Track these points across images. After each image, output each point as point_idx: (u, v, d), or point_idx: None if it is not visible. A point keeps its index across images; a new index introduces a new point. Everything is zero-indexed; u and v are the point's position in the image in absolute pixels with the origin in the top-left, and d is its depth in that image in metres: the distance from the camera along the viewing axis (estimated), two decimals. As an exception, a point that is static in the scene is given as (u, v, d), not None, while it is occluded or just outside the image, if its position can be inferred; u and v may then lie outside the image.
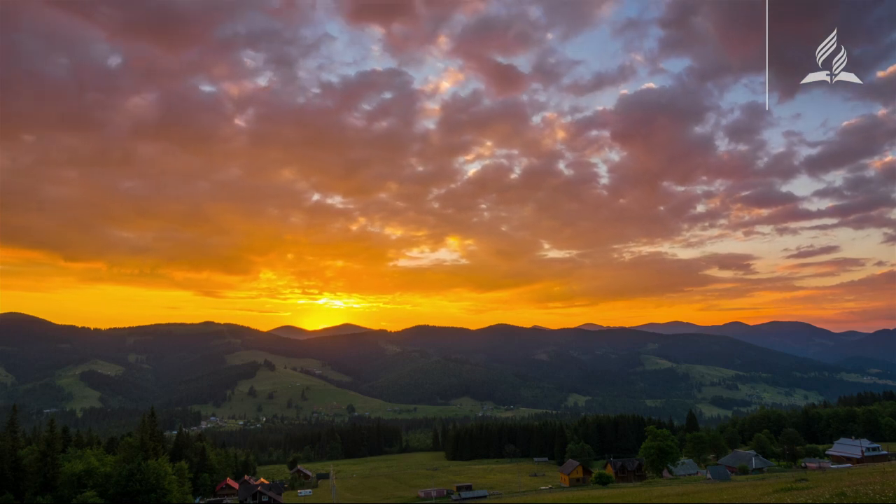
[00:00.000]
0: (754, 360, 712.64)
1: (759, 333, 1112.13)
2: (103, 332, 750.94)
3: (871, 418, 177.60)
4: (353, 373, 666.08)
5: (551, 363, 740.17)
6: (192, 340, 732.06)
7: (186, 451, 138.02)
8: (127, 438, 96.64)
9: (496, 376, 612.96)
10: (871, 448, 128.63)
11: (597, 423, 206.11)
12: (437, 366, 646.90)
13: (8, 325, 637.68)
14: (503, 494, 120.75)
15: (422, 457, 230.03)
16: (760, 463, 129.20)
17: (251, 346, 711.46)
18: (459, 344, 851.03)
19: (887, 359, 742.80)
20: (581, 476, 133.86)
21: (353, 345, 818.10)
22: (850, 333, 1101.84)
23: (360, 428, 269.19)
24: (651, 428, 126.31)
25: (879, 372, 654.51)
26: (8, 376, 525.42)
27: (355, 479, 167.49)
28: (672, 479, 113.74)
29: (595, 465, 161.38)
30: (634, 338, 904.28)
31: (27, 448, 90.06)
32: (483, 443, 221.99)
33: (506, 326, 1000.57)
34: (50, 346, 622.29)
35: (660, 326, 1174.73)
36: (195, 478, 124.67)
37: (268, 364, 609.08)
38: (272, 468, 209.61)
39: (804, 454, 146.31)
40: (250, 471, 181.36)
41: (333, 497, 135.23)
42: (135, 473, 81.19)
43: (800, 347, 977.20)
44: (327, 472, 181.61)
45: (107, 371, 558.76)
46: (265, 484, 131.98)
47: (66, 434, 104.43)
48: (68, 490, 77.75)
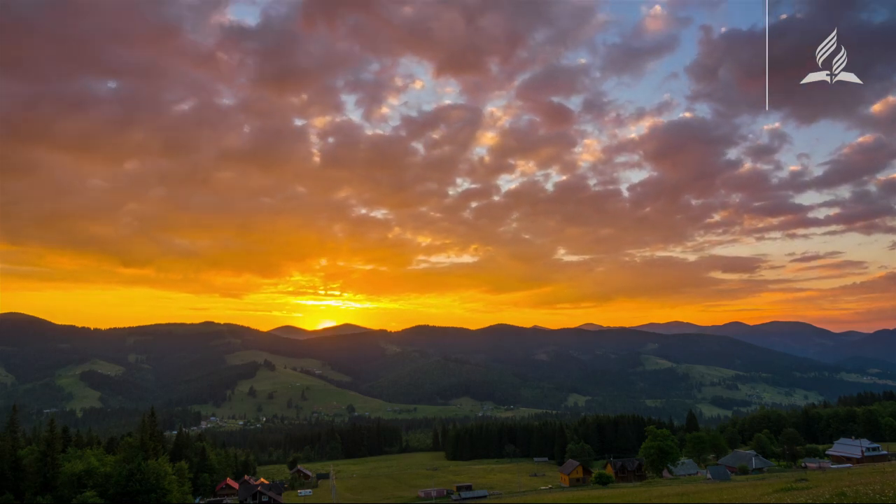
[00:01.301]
0: (754, 360, 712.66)
1: (759, 333, 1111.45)
2: (103, 332, 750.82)
3: (871, 418, 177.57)
4: (353, 373, 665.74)
5: (551, 363, 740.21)
6: (192, 340, 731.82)
7: (186, 451, 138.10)
8: (127, 438, 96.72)
9: (496, 376, 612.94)
10: (871, 448, 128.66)
11: (597, 423, 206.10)
12: (437, 366, 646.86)
13: (8, 325, 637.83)
14: (503, 494, 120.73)
15: (422, 457, 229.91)
16: (760, 463, 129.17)
17: (251, 346, 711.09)
18: (459, 344, 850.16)
19: (887, 359, 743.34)
20: (581, 476, 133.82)
21: (353, 345, 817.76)
22: (850, 333, 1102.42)
23: (360, 428, 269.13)
24: (651, 428, 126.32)
25: (879, 372, 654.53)
26: (8, 376, 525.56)
27: (355, 479, 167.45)
28: (672, 479, 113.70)
29: (595, 465, 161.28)
30: (634, 338, 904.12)
31: (27, 448, 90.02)
32: (483, 443, 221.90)
33: (506, 326, 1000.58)
34: (50, 346, 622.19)
35: (660, 326, 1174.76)
36: (195, 478, 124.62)
37: (268, 364, 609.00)
38: (272, 468, 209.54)
39: (804, 454, 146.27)
40: (250, 471, 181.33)
41: (333, 497, 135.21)
42: (135, 473, 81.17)
43: (800, 347, 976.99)
44: (327, 472, 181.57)
45: (107, 371, 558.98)
46: (265, 484, 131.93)
47: (66, 434, 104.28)
48: (68, 490, 77.73)
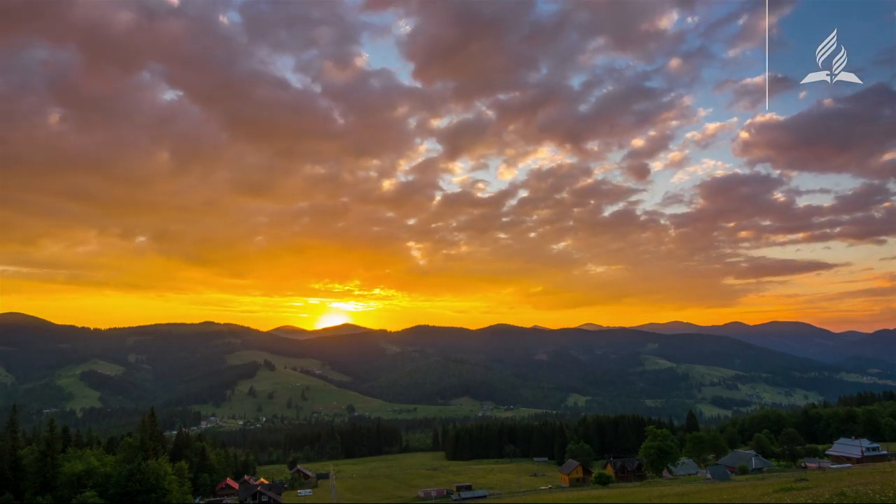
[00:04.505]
0: (754, 360, 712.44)
1: (759, 333, 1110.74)
2: (103, 332, 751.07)
3: (871, 418, 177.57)
4: (353, 373, 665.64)
5: (551, 363, 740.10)
6: (192, 340, 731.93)
7: (186, 451, 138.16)
8: (127, 438, 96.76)
9: (496, 376, 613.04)
10: (871, 448, 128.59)
11: (597, 423, 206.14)
12: (437, 366, 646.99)
13: (8, 325, 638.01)
14: (503, 494, 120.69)
15: (422, 457, 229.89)
16: (760, 463, 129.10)
17: (251, 346, 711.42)
18: (459, 344, 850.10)
19: (887, 359, 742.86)
20: (581, 476, 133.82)
21: (353, 345, 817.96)
22: (850, 333, 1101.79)
23: (359, 428, 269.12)
24: (651, 428, 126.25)
25: (879, 372, 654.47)
26: (8, 376, 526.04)
27: (355, 479, 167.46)
28: (672, 479, 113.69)
29: (595, 465, 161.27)
30: (634, 338, 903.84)
31: (27, 448, 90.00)
32: (483, 443, 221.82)
33: (506, 326, 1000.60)
34: (50, 346, 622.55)
35: (660, 326, 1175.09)
36: (195, 478, 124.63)
37: (268, 364, 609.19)
38: (272, 468, 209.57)
39: (804, 454, 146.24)
40: (250, 471, 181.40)
41: (333, 497, 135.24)
42: (135, 473, 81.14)
43: (800, 347, 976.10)
44: (327, 472, 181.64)
45: (107, 371, 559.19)
46: (265, 484, 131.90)
47: (66, 434, 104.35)
48: (68, 490, 77.72)
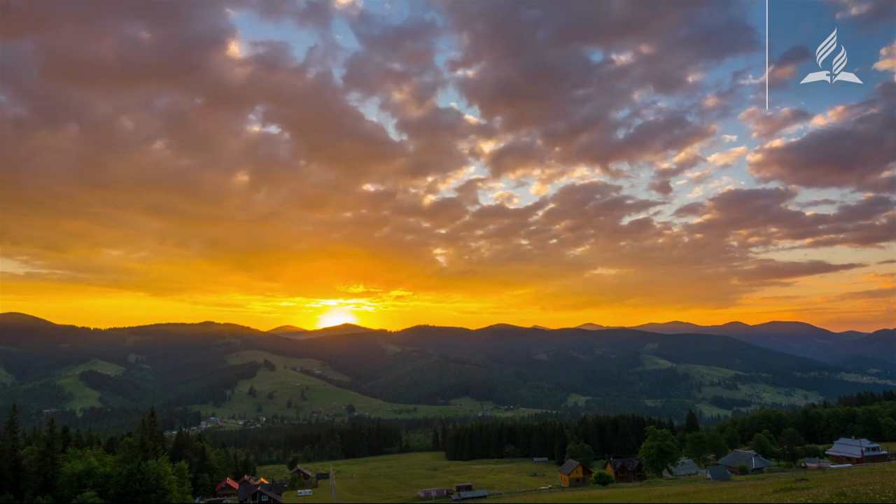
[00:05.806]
0: (754, 360, 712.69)
1: (759, 333, 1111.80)
2: (103, 332, 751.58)
3: (871, 418, 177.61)
4: (352, 373, 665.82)
5: (551, 363, 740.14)
6: (192, 340, 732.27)
7: (186, 451, 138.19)
8: (127, 438, 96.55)
9: (496, 376, 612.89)
10: (871, 448, 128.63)
11: (597, 423, 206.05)
12: (437, 366, 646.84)
13: (8, 325, 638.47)
14: (503, 494, 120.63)
15: (422, 457, 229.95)
16: (760, 463, 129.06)
17: (251, 346, 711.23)
18: (459, 344, 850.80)
19: (887, 359, 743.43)
20: (581, 476, 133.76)
21: (353, 345, 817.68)
22: (850, 333, 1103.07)
23: (359, 428, 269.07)
24: (651, 428, 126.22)
25: (879, 372, 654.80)
26: (8, 376, 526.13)
27: (355, 479, 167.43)
28: (672, 479, 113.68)
29: (595, 465, 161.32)
30: (634, 338, 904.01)
31: (27, 448, 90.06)
32: (483, 443, 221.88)
33: (506, 326, 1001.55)
34: (50, 346, 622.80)
35: (660, 326, 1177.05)
36: (195, 478, 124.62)
37: (268, 364, 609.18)
38: (272, 468, 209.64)
39: (804, 454, 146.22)
40: (250, 471, 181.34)
41: (333, 497, 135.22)
42: (135, 473, 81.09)
43: (800, 347, 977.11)
44: (327, 472, 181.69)
45: (107, 371, 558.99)
46: (265, 484, 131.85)
47: (66, 434, 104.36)
48: (68, 490, 77.65)
